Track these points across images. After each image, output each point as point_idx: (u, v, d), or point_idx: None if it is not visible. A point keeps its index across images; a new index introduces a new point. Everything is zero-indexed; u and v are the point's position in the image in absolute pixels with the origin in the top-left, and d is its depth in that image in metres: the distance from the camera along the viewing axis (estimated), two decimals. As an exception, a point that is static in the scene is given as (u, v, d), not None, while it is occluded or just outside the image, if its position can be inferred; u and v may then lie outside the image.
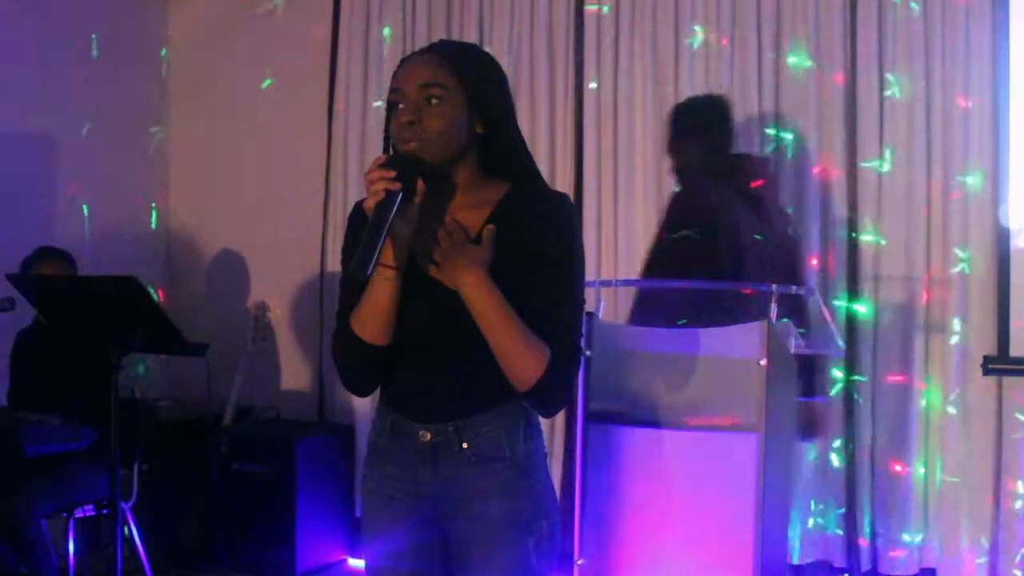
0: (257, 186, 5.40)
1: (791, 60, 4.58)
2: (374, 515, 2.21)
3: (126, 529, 4.03)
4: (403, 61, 2.11)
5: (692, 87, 4.67)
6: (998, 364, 4.33)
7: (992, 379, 4.36)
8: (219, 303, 5.50)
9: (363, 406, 5.16)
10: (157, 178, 5.14)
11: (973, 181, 4.37)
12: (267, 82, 5.39)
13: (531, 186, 2.15)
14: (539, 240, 2.06)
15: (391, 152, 2.10)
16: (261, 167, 5.40)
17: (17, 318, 4.22)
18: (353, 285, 2.12)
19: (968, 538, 4.37)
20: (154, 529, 4.42)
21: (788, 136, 4.59)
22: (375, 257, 1.93)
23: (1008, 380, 4.36)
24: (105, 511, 4.12)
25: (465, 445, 2.10)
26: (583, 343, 2.11)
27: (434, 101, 2.03)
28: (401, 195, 1.97)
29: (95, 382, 3.92)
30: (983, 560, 4.36)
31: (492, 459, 2.11)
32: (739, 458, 3.70)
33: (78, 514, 4.14)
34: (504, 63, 4.90)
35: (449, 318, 2.05)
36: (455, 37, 5.11)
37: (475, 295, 2.02)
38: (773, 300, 4.12)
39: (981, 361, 4.35)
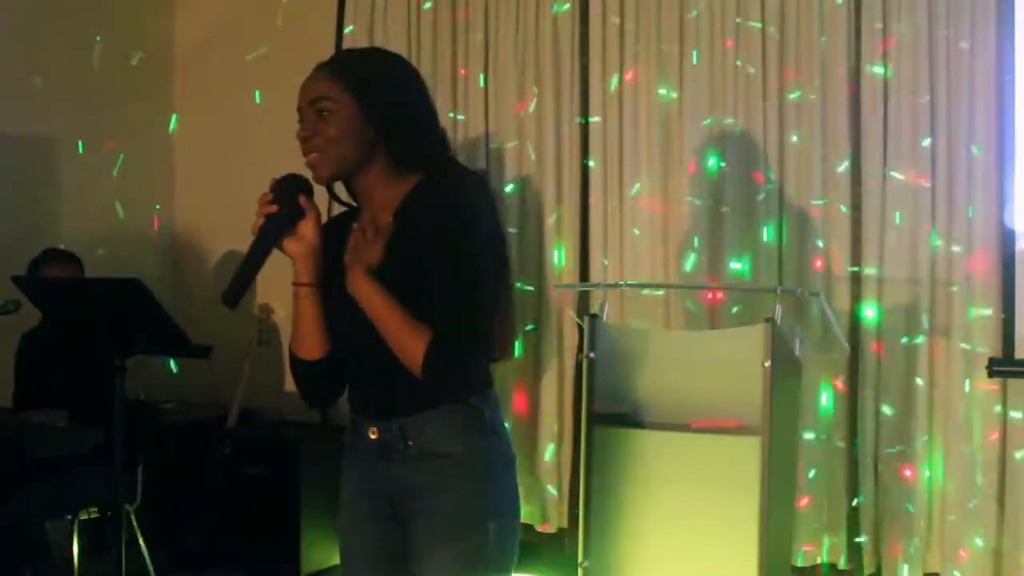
0: (262, 188, 5.39)
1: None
2: (344, 510, 2.34)
3: (130, 532, 4.02)
4: (303, 82, 2.21)
5: (696, 79, 4.68)
6: (1003, 366, 4.32)
7: (996, 381, 4.34)
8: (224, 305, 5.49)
9: None
10: (162, 180, 5.14)
11: (979, 179, 4.37)
12: (257, 96, 5.39)
13: (439, 173, 2.18)
14: (435, 224, 2.08)
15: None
16: (266, 169, 5.37)
17: (22, 320, 4.22)
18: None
19: (972, 542, 4.34)
20: (158, 532, 4.41)
21: (794, 138, 4.59)
22: (243, 285, 2.05)
23: (1013, 382, 4.33)
24: (109, 514, 4.12)
25: (411, 443, 2.16)
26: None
27: (324, 114, 2.13)
28: (287, 217, 2.09)
29: (99, 384, 3.92)
30: (988, 564, 4.34)
31: (437, 456, 2.15)
32: (743, 460, 3.70)
33: (82, 517, 4.14)
34: (510, 54, 4.99)
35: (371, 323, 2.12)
36: (461, 23, 5.11)
37: (357, 294, 2.09)
38: (777, 301, 4.14)
39: (986, 363, 4.32)
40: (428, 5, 5.20)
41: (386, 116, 2.14)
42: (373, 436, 2.21)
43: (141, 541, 4.17)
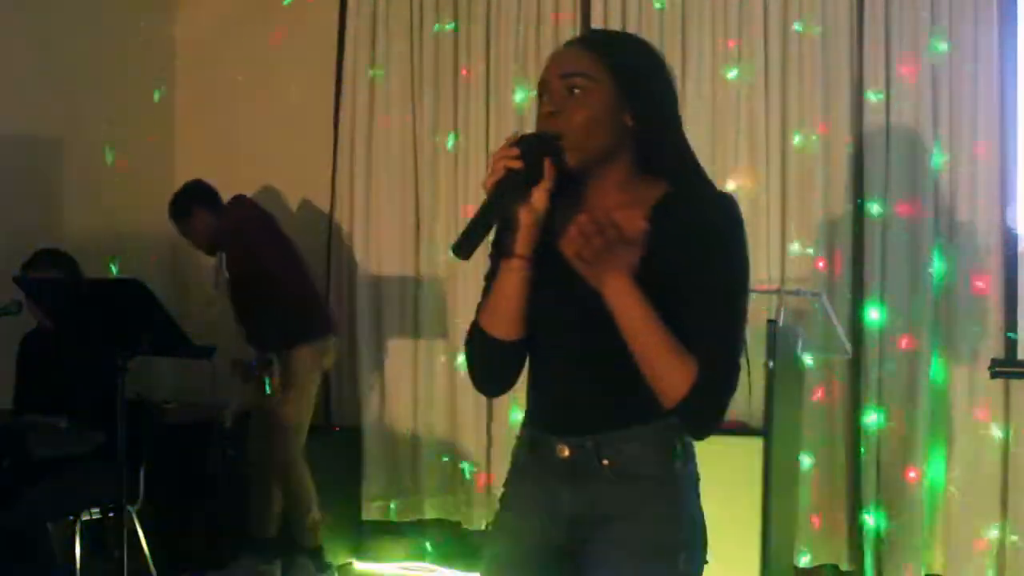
0: (262, 191, 5.39)
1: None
2: (503, 533, 2.07)
3: (132, 533, 4.01)
4: (553, 53, 2.01)
5: (700, 72, 4.71)
6: (1006, 367, 4.33)
7: (999, 382, 4.35)
8: (225, 306, 5.48)
9: (370, 408, 5.17)
10: (163, 181, 5.14)
11: (980, 181, 4.39)
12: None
13: (693, 186, 1.96)
14: (700, 246, 1.87)
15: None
16: (266, 172, 5.39)
17: (23, 321, 4.22)
18: (493, 277, 1.97)
19: (975, 543, 4.35)
20: (160, 532, 4.41)
21: (796, 139, 4.59)
22: (475, 237, 1.80)
23: (1016, 383, 4.35)
24: (111, 515, 4.11)
25: (606, 462, 1.93)
26: (744, 359, 1.92)
27: (577, 91, 1.90)
28: (525, 177, 1.84)
29: (101, 385, 3.92)
30: (990, 565, 4.35)
31: (636, 479, 1.92)
32: (745, 461, 3.70)
33: (84, 518, 4.13)
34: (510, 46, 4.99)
35: (596, 320, 1.87)
36: (463, 12, 5.11)
37: (617, 300, 1.84)
38: (779, 304, 4.14)
39: (989, 364, 4.33)
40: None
41: (646, 109, 1.92)
42: (564, 454, 1.96)
43: (143, 541, 4.15)
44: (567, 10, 4.95)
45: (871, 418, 4.48)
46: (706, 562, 1.97)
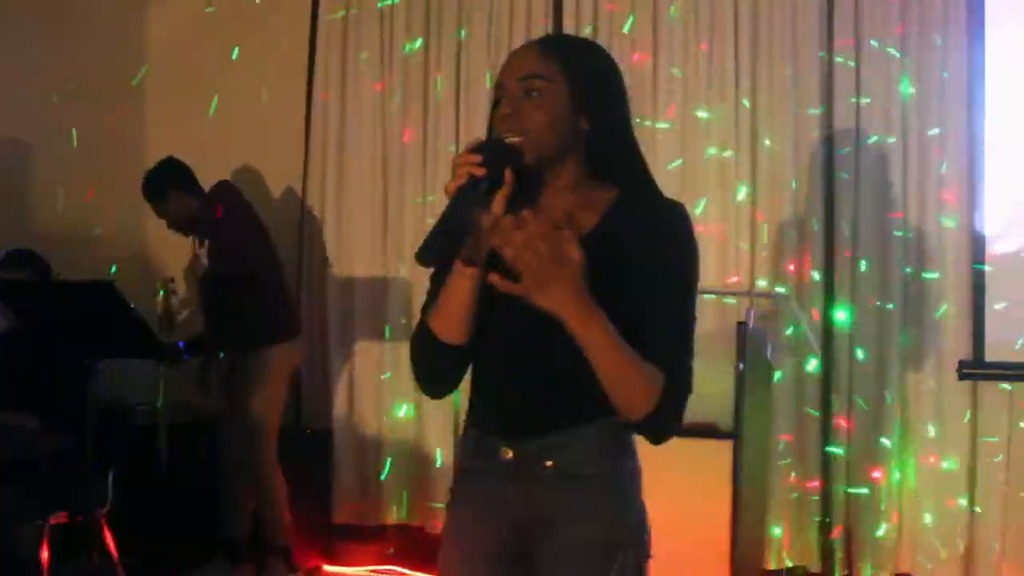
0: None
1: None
2: (454, 537, 2.08)
3: (100, 536, 4.01)
4: (509, 56, 2.01)
5: (669, 73, 4.74)
6: (973, 369, 4.39)
7: (967, 384, 4.41)
8: (197, 309, 5.48)
9: (340, 410, 5.18)
10: (135, 182, 5.12)
11: (948, 184, 4.44)
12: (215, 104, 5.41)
13: (643, 191, 1.98)
14: (654, 254, 1.88)
15: None
16: (238, 173, 5.39)
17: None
18: (438, 278, 1.96)
19: (942, 543, 4.41)
20: (129, 535, 4.40)
21: (766, 142, 4.64)
22: (438, 244, 1.77)
23: (982, 385, 4.41)
24: (79, 518, 4.10)
25: (550, 463, 1.94)
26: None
27: (534, 94, 1.90)
28: (486, 183, 1.82)
29: (71, 387, 3.91)
30: (957, 564, 4.40)
31: (580, 479, 1.93)
32: (715, 462, 3.74)
33: (52, 521, 4.12)
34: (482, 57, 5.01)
35: (541, 324, 1.81)
36: (433, 14, 5.12)
37: (577, 324, 1.78)
38: (749, 306, 4.18)
39: (956, 366, 4.39)
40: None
41: (600, 112, 1.93)
42: (507, 456, 1.96)
43: (111, 545, 4.15)
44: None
45: (840, 420, 4.52)
46: (649, 556, 2.00)
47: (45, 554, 4.01)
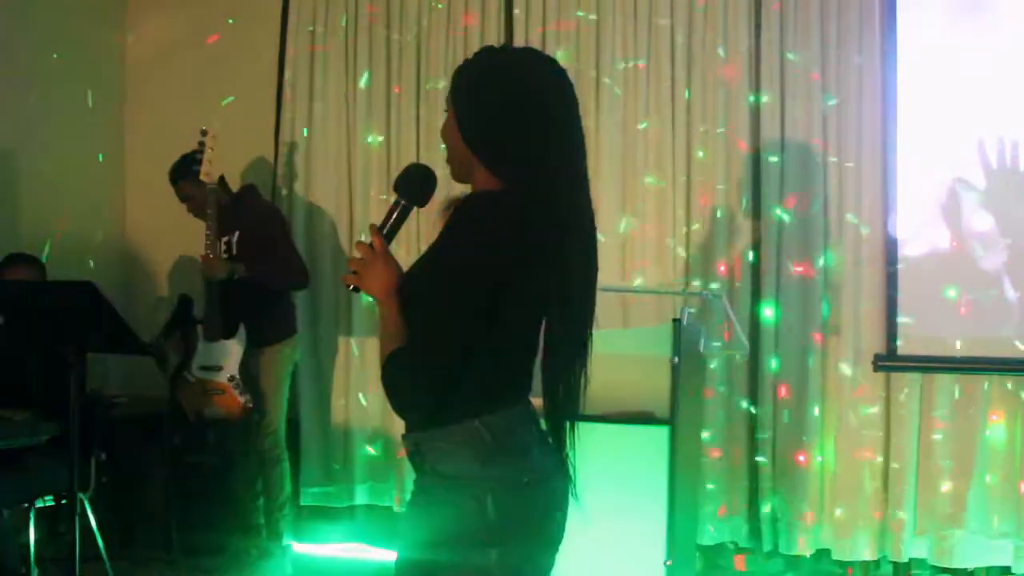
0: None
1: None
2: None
3: (84, 518, 4.15)
4: None
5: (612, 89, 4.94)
6: (887, 362, 4.69)
7: (881, 375, 4.71)
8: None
9: (307, 399, 5.31)
10: (114, 188, 5.17)
11: (865, 192, 4.71)
12: (226, 100, 5.58)
13: (474, 191, 2.06)
14: (433, 242, 2.01)
15: None
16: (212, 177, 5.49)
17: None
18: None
19: (860, 519, 4.70)
20: (111, 517, 4.52)
21: (699, 154, 4.88)
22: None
23: (895, 376, 4.71)
24: (64, 502, 4.24)
25: (424, 460, 2.03)
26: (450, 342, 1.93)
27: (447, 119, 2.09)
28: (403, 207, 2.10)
29: (56, 379, 4.03)
30: (873, 538, 4.70)
31: (445, 476, 2.01)
32: (652, 449, 3.93)
33: (38, 504, 4.28)
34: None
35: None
36: (397, 16, 5.26)
37: (378, 305, 2.03)
38: (684, 304, 4.41)
39: (872, 358, 4.70)
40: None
41: (471, 128, 2.02)
42: (404, 452, 2.11)
43: (95, 527, 4.29)
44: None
45: (766, 407, 4.77)
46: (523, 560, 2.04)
47: (32, 534, 4.18)
